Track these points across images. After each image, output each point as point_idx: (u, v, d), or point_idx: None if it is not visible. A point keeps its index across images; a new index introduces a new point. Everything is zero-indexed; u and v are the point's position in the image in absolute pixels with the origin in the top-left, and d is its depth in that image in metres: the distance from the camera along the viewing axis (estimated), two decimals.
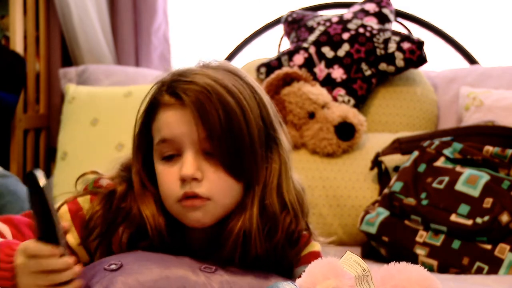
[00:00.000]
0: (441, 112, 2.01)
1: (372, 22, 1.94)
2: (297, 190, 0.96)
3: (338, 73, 1.87)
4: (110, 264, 0.83)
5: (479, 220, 1.35)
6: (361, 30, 1.89)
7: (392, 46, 1.84)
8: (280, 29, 2.18)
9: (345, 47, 1.88)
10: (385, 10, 1.99)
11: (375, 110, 1.93)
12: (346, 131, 1.74)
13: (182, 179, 0.86)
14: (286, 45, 2.10)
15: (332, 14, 2.04)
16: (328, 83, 1.86)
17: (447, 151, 1.52)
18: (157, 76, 0.94)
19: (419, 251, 1.40)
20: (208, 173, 0.87)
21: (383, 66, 1.86)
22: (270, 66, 1.93)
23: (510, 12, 2.20)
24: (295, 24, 2.05)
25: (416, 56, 1.82)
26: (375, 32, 1.88)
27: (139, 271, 0.81)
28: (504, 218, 1.34)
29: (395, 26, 2.09)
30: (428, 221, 1.40)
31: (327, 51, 1.89)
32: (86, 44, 2.27)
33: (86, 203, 0.93)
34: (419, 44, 1.83)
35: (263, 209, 0.90)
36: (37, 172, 0.72)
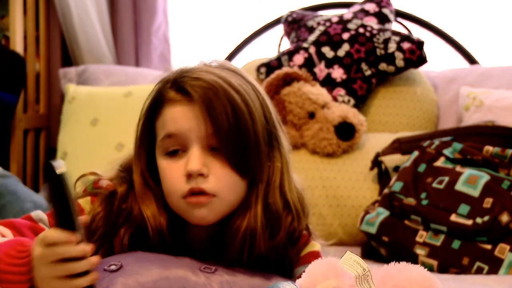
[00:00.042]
0: (441, 112, 2.01)
1: (372, 22, 1.94)
2: (298, 190, 0.96)
3: (338, 73, 1.87)
4: (110, 265, 0.83)
5: (479, 220, 1.35)
6: (361, 30, 1.89)
7: (392, 46, 1.84)
8: (280, 29, 2.18)
9: (345, 47, 1.88)
10: (385, 10, 1.99)
11: (375, 110, 1.93)
12: (346, 131, 1.74)
13: (188, 175, 0.86)
14: (286, 45, 2.10)
15: (332, 14, 2.04)
16: (328, 83, 1.86)
17: (447, 151, 1.52)
18: (158, 76, 0.94)
19: (419, 251, 1.40)
20: (214, 169, 0.87)
21: (383, 66, 1.86)
22: (270, 66, 1.93)
23: (510, 12, 2.20)
24: (295, 24, 2.05)
25: (416, 56, 1.82)
26: (375, 32, 1.88)
27: (139, 272, 0.81)
28: (504, 218, 1.34)
29: (395, 26, 2.09)
30: (428, 221, 1.40)
31: (327, 51, 1.89)
32: (86, 44, 2.27)
33: (87, 205, 0.92)
34: (419, 44, 1.83)
35: (267, 208, 0.90)
36: (57, 161, 0.73)
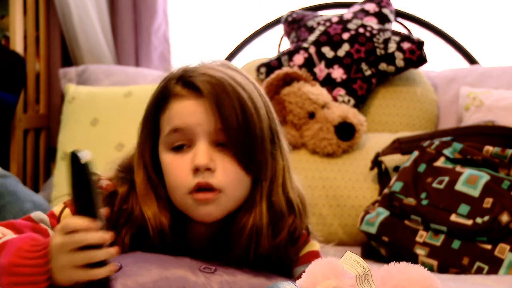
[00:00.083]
0: (441, 112, 2.01)
1: (372, 22, 1.94)
2: (299, 190, 0.96)
3: (338, 73, 1.87)
4: None
5: (479, 220, 1.35)
6: (361, 30, 1.89)
7: (392, 46, 1.84)
8: (280, 29, 2.18)
9: (345, 47, 1.88)
10: (385, 10, 1.99)
11: (375, 110, 1.93)
12: (346, 131, 1.74)
13: (195, 169, 0.85)
14: (286, 45, 2.10)
15: (332, 14, 2.04)
16: (328, 83, 1.86)
17: (447, 151, 1.52)
18: (158, 76, 0.94)
19: (419, 251, 1.40)
20: (221, 164, 0.87)
21: (383, 66, 1.86)
22: (270, 66, 1.93)
23: (510, 12, 2.20)
24: (295, 24, 2.05)
25: (416, 56, 1.82)
26: (375, 32, 1.88)
27: (138, 273, 0.81)
28: (504, 218, 1.34)
29: (395, 26, 2.09)
30: (428, 221, 1.40)
31: (327, 51, 1.89)
32: (86, 44, 2.27)
33: None
34: (419, 44, 1.83)
35: (271, 206, 0.90)
36: (82, 151, 0.73)
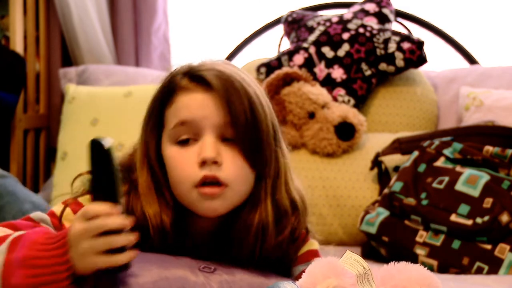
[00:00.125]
0: (441, 112, 2.01)
1: (372, 22, 1.94)
2: (300, 189, 0.97)
3: (338, 73, 1.87)
4: None
5: (479, 220, 1.34)
6: (361, 30, 1.89)
7: (392, 46, 1.84)
8: (280, 29, 2.18)
9: (345, 47, 1.88)
10: (385, 10, 1.99)
11: (375, 110, 1.93)
12: (346, 131, 1.74)
13: (202, 162, 0.85)
14: (286, 45, 2.09)
15: (332, 14, 2.04)
16: (328, 83, 1.86)
17: (447, 151, 1.52)
18: (158, 76, 0.94)
19: (419, 251, 1.40)
20: (227, 158, 0.87)
21: (383, 66, 1.86)
22: (270, 66, 1.93)
23: (510, 12, 2.20)
24: (295, 24, 2.05)
25: (416, 56, 1.82)
26: (375, 32, 1.88)
27: (139, 273, 0.81)
28: (504, 218, 1.34)
29: (395, 26, 2.09)
30: (428, 221, 1.40)
31: (327, 51, 1.89)
32: (86, 44, 2.27)
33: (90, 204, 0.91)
34: (419, 44, 1.83)
35: (275, 204, 0.91)
36: (103, 138, 0.74)
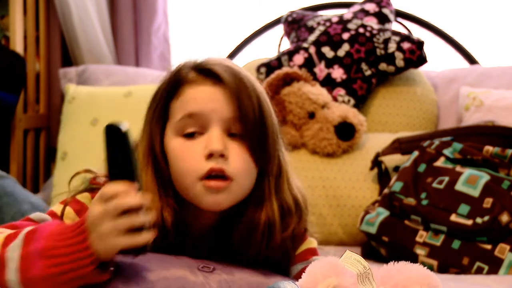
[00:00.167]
0: (441, 112, 2.01)
1: (372, 22, 1.94)
2: (300, 188, 0.97)
3: (338, 73, 1.87)
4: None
5: (479, 220, 1.34)
6: (361, 30, 1.89)
7: (392, 46, 1.84)
8: (280, 29, 2.18)
9: (345, 47, 1.88)
10: (385, 10, 1.99)
11: (375, 110, 1.93)
12: (346, 131, 1.74)
13: (209, 154, 0.85)
14: (286, 45, 2.09)
15: (332, 14, 2.04)
16: (328, 83, 1.86)
17: (447, 151, 1.52)
18: (158, 76, 0.94)
19: (419, 251, 1.40)
20: (234, 153, 0.87)
21: (383, 66, 1.86)
22: (270, 66, 1.93)
23: (510, 12, 2.20)
24: (295, 24, 2.05)
25: (416, 56, 1.82)
26: (375, 32, 1.88)
27: (139, 273, 0.81)
28: (504, 218, 1.34)
29: (395, 26, 2.09)
30: (428, 221, 1.40)
31: (327, 51, 1.89)
32: (86, 44, 2.27)
33: (90, 202, 0.90)
34: (419, 44, 1.83)
35: (280, 202, 0.91)
36: (120, 122, 0.74)
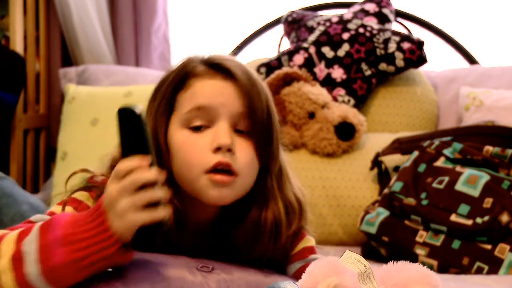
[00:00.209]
0: (441, 112, 2.01)
1: (372, 22, 1.94)
2: (300, 187, 0.97)
3: (338, 73, 1.87)
4: None
5: (479, 220, 1.34)
6: (361, 30, 1.89)
7: (392, 46, 1.84)
8: (280, 29, 2.18)
9: (345, 47, 1.88)
10: (385, 10, 1.99)
11: (375, 110, 1.93)
12: (346, 131, 1.74)
13: (217, 148, 0.85)
14: (286, 45, 2.10)
15: (332, 14, 2.04)
16: (328, 83, 1.86)
17: (447, 151, 1.52)
18: (158, 76, 0.94)
19: (419, 251, 1.40)
20: (240, 148, 0.87)
21: (383, 66, 1.86)
22: (270, 66, 1.93)
23: (510, 12, 2.20)
24: (295, 24, 2.05)
25: (416, 56, 1.82)
26: (375, 32, 1.88)
27: (138, 274, 0.81)
28: (504, 218, 1.34)
29: (395, 26, 2.09)
30: (428, 221, 1.40)
31: (327, 51, 1.89)
32: (86, 44, 2.27)
33: (89, 201, 0.90)
34: (419, 44, 1.83)
35: (283, 200, 0.91)
36: (135, 106, 0.75)
